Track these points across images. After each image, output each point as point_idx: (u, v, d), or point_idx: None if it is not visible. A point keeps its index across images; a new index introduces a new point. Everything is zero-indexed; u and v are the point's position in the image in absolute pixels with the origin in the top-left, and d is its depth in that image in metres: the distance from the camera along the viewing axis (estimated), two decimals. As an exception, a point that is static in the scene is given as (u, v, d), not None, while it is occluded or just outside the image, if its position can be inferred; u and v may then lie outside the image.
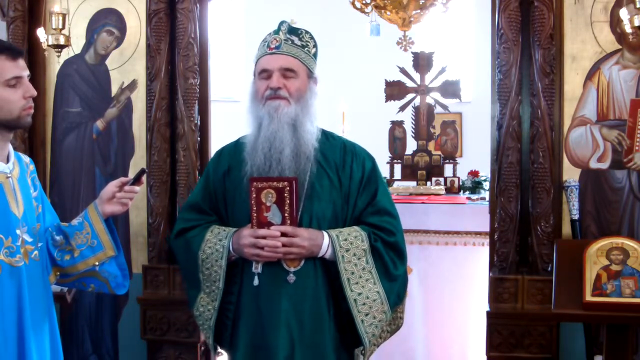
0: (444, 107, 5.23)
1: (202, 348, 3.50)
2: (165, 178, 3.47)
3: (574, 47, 3.16)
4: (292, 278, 2.30)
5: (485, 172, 4.35)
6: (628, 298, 2.57)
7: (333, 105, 6.25)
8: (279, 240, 2.25)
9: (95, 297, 3.66)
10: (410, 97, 5.20)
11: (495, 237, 3.21)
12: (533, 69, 3.13)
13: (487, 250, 3.49)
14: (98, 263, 2.27)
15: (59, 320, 2.49)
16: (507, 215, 3.17)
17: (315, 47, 2.44)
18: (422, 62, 5.15)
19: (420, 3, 5.95)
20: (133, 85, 3.59)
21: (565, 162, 3.17)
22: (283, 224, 2.26)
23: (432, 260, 4.22)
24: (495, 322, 3.17)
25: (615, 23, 3.09)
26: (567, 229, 3.15)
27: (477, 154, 5.56)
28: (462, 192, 5.05)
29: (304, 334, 2.30)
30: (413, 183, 5.11)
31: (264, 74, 2.36)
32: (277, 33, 2.40)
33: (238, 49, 8.97)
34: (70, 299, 3.44)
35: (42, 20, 3.66)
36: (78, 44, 3.64)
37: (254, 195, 2.27)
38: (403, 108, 5.25)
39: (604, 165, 3.14)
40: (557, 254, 2.83)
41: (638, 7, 2.63)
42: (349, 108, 6.76)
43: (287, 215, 2.26)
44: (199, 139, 3.49)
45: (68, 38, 3.37)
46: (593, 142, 3.14)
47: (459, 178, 5.09)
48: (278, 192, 2.25)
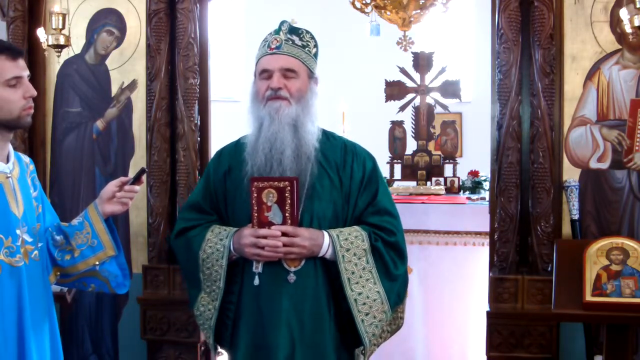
0: (444, 107, 5.23)
1: (202, 348, 3.50)
2: (165, 178, 3.47)
3: (574, 47, 3.15)
4: (292, 278, 2.30)
5: (485, 172, 4.35)
6: (628, 298, 2.57)
7: (333, 105, 6.25)
8: (280, 240, 2.25)
9: (95, 297, 3.66)
10: (410, 97, 5.20)
11: (495, 237, 3.21)
12: (533, 69, 3.13)
13: (487, 250, 3.49)
14: (98, 263, 2.27)
15: (59, 320, 2.49)
16: (507, 215, 3.16)
17: (316, 47, 2.44)
18: (422, 62, 5.14)
19: (420, 3, 5.95)
20: (133, 85, 3.58)
21: (565, 162, 3.17)
22: (284, 224, 2.26)
23: (432, 260, 4.22)
24: (495, 322, 3.17)
25: (615, 23, 3.09)
26: (567, 229, 3.15)
27: (477, 154, 5.56)
28: (462, 192, 5.04)
29: (305, 334, 2.30)
30: (413, 183, 5.11)
31: (265, 74, 2.35)
32: (277, 33, 2.39)
33: (238, 49, 8.96)
34: (70, 299, 3.44)
35: (42, 20, 3.66)
36: (78, 44, 3.64)
37: (255, 195, 2.27)
38: (403, 108, 5.24)
39: (604, 165, 3.14)
40: (557, 254, 2.83)
41: (638, 7, 2.62)
42: (349, 108, 6.75)
43: (287, 215, 2.26)
44: (199, 139, 3.49)
45: (68, 38, 3.37)
46: (593, 142, 3.14)
47: (459, 178, 5.09)
48: (279, 191, 2.25)
